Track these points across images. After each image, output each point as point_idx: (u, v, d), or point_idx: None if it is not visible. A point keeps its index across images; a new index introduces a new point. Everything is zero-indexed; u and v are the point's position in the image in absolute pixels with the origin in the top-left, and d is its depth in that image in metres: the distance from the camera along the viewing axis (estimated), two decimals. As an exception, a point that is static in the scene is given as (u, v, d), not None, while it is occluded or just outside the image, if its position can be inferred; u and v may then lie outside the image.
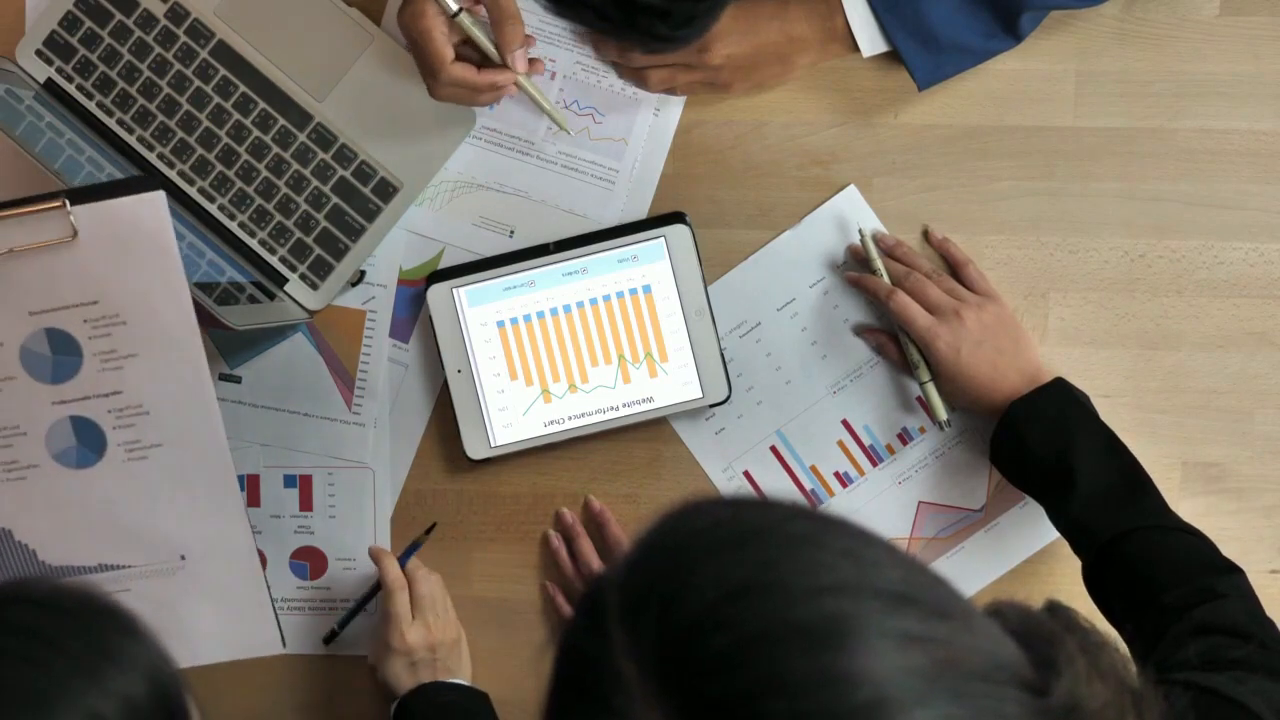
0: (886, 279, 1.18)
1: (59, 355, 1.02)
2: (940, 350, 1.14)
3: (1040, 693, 0.59)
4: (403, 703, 1.17)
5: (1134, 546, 1.05)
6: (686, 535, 0.62)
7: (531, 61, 1.15)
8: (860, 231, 1.20)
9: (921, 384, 1.18)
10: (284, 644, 1.10)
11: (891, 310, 1.17)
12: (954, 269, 1.20)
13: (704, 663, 0.57)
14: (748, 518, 0.63)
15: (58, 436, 1.04)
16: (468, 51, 1.12)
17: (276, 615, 1.09)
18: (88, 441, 1.04)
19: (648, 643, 0.59)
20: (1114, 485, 1.09)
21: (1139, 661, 0.97)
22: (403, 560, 1.20)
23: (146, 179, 0.99)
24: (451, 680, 1.18)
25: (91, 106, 1.21)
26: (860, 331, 1.21)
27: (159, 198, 0.98)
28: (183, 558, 1.06)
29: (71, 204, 0.98)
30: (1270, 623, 0.99)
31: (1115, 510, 1.07)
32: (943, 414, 1.18)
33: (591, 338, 1.21)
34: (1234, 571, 1.03)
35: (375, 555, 1.20)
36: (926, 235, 1.21)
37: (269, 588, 1.09)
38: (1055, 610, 0.68)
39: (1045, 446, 1.10)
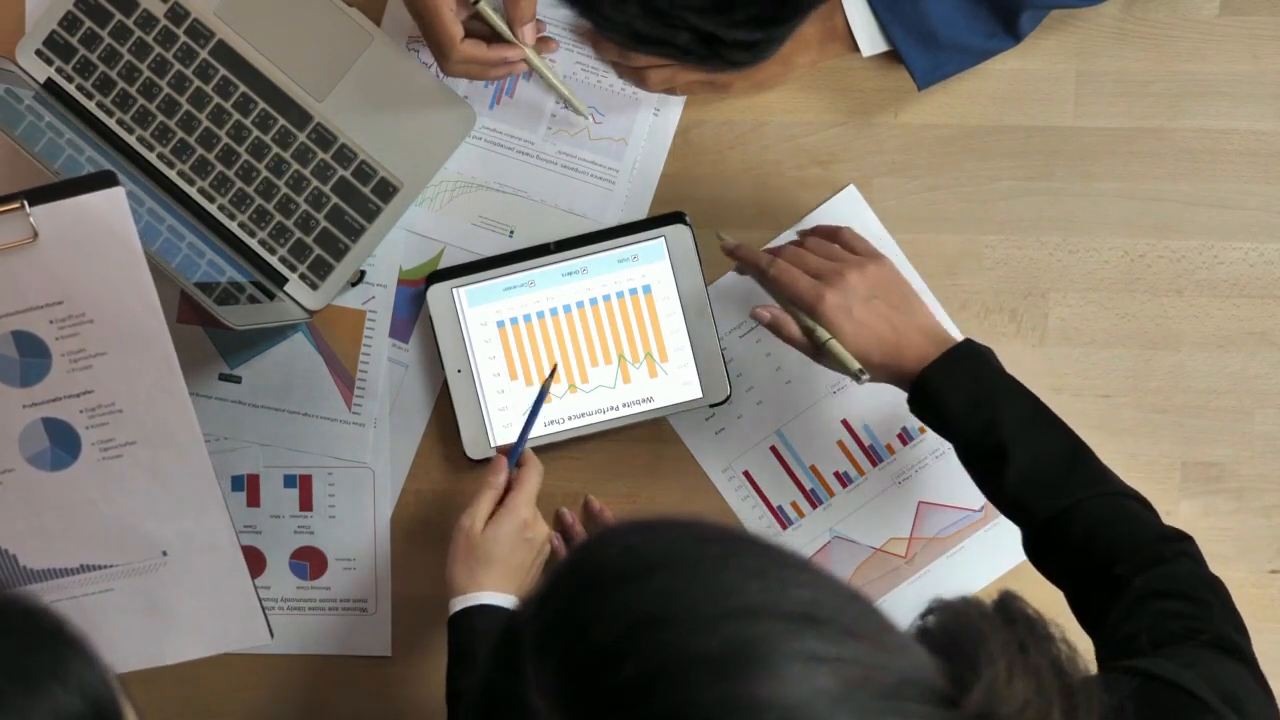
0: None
1: (27, 357, 1.01)
2: (830, 311, 1.07)
3: (952, 704, 0.60)
4: (466, 612, 1.12)
5: (1077, 518, 1.00)
6: (597, 565, 0.62)
7: (544, 40, 1.15)
8: (719, 236, 1.17)
9: (824, 343, 1.09)
10: (271, 635, 1.09)
11: (773, 280, 1.11)
12: (830, 240, 1.15)
13: (612, 694, 0.58)
14: (659, 544, 0.63)
15: (31, 439, 1.03)
16: (476, 26, 1.11)
17: (262, 606, 1.08)
18: (62, 443, 1.03)
19: (557, 675, 0.59)
20: (1049, 456, 1.03)
21: (1092, 633, 0.95)
22: (530, 424, 1.17)
23: (105, 175, 0.98)
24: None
25: (91, 106, 1.21)
26: (753, 310, 1.14)
27: (118, 194, 0.97)
28: (164, 554, 1.06)
29: (30, 205, 0.97)
30: (1219, 583, 0.96)
31: (1055, 483, 1.02)
32: (854, 364, 1.08)
33: (591, 338, 1.21)
34: (1182, 539, 1.00)
35: (497, 455, 1.18)
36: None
37: (255, 576, 1.09)
38: (1004, 603, 0.68)
39: (969, 419, 1.04)
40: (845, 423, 1.23)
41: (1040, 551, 1.03)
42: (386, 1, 1.22)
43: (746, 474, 1.24)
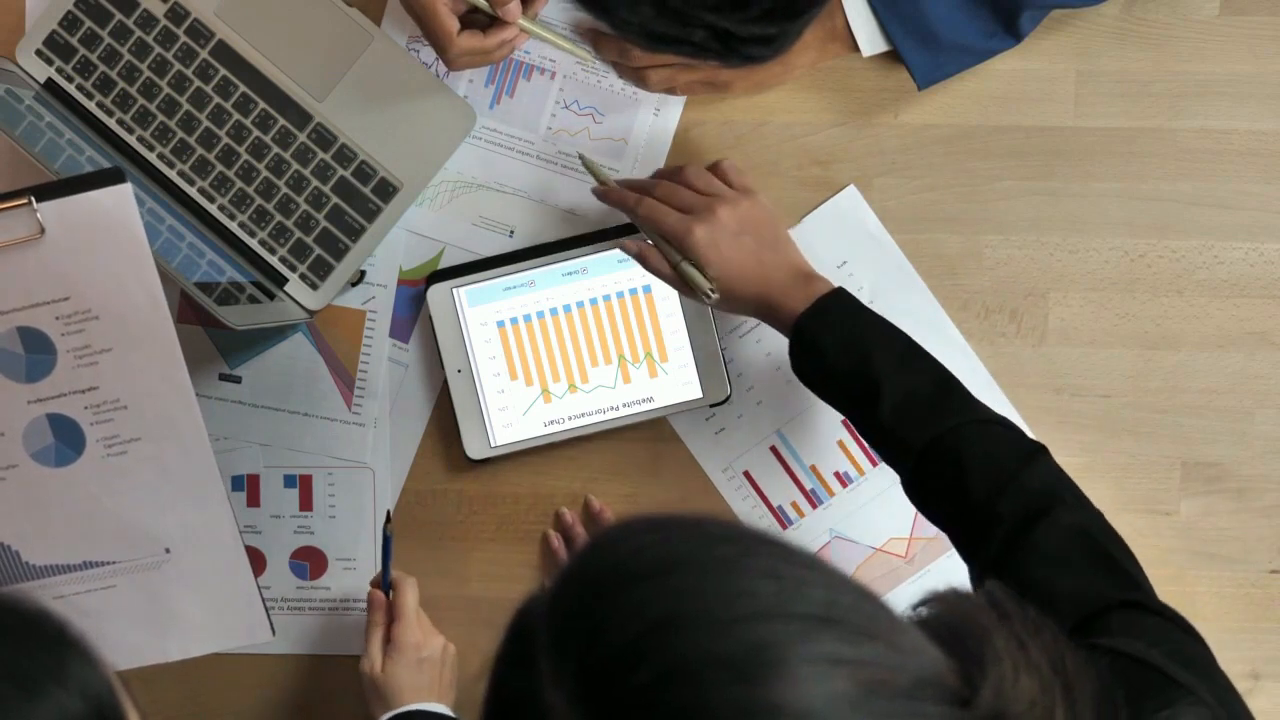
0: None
1: (32, 354, 1.01)
2: (697, 244, 1.08)
3: (965, 703, 0.60)
4: (403, 716, 1.16)
5: (951, 444, 1.01)
6: (611, 564, 0.62)
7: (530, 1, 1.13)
8: (580, 155, 1.16)
9: (676, 265, 1.10)
10: (273, 632, 1.09)
11: (641, 218, 1.11)
12: (710, 171, 1.15)
13: (628, 696, 0.58)
14: (672, 543, 0.63)
15: (35, 435, 1.03)
16: (473, 15, 1.11)
17: (264, 602, 1.08)
18: (66, 439, 1.03)
19: (573, 674, 0.59)
20: (920, 388, 1.04)
21: (982, 572, 0.95)
22: (386, 561, 1.20)
23: (113, 171, 0.98)
24: (438, 709, 1.17)
25: (91, 106, 1.21)
26: (620, 243, 1.16)
27: (125, 190, 0.97)
28: (167, 550, 1.06)
29: (37, 201, 0.97)
30: (1099, 514, 0.98)
31: (927, 413, 1.03)
32: (705, 284, 1.09)
33: (591, 338, 1.21)
34: (1040, 452, 1.01)
35: (371, 591, 1.20)
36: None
37: (255, 576, 1.09)
38: (991, 595, 0.68)
39: (843, 359, 1.06)
40: (845, 423, 1.23)
41: (920, 487, 1.04)
42: (386, 1, 1.22)
43: (746, 474, 1.24)
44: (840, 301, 1.08)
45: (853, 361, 1.05)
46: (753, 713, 0.57)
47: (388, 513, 1.21)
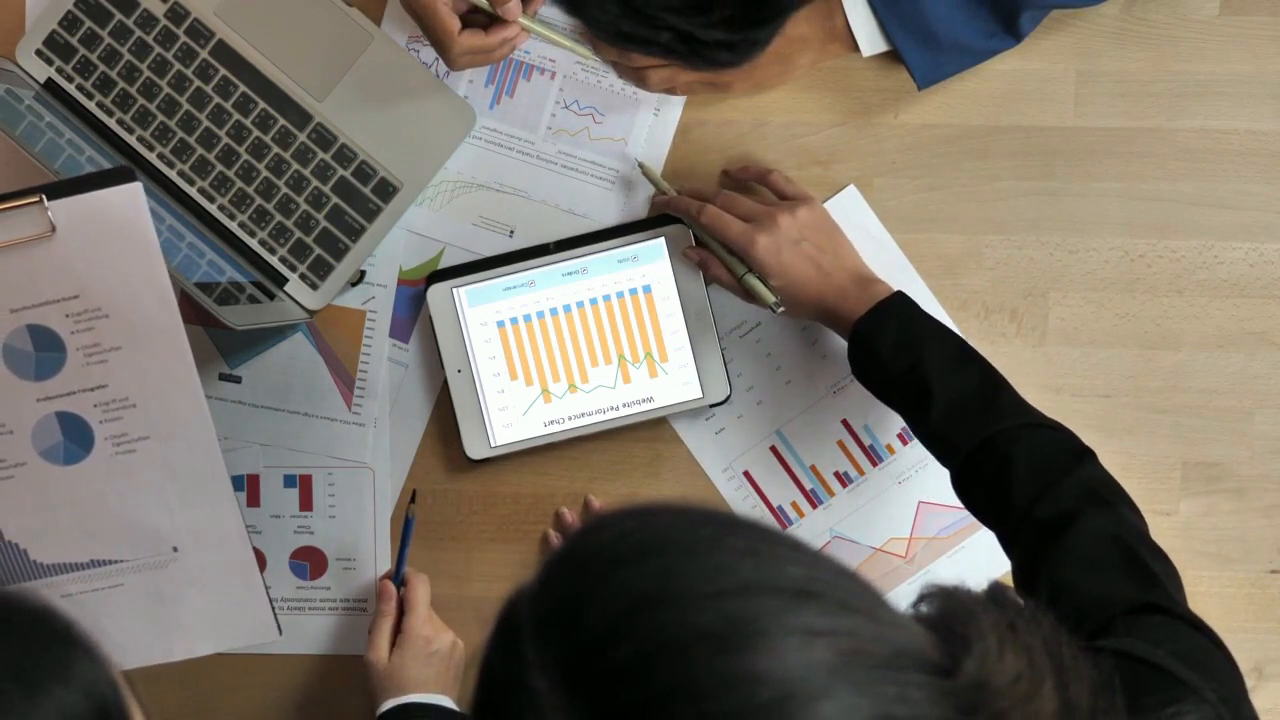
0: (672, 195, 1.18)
1: (42, 351, 1.02)
2: (761, 253, 1.12)
3: (947, 674, 0.60)
4: (404, 708, 1.16)
5: (997, 448, 1.03)
6: (593, 549, 0.63)
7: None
8: (640, 164, 1.20)
9: (741, 277, 1.15)
10: (280, 631, 1.10)
11: (704, 226, 1.15)
12: (760, 183, 1.20)
13: (611, 674, 0.59)
14: (654, 527, 0.64)
15: (44, 433, 1.03)
16: (473, 15, 1.10)
17: (271, 602, 1.09)
18: (75, 437, 1.03)
19: (557, 657, 0.60)
20: (970, 391, 1.07)
21: (1016, 569, 0.97)
22: (405, 547, 1.21)
23: (123, 170, 0.98)
24: (443, 702, 1.17)
25: (91, 106, 1.21)
26: (684, 251, 1.20)
27: (136, 189, 0.98)
28: (175, 549, 1.06)
29: (48, 199, 0.97)
30: (1135, 509, 0.99)
31: (975, 416, 1.06)
32: (770, 297, 1.14)
33: (591, 338, 1.21)
34: (1086, 456, 1.02)
35: (382, 582, 1.22)
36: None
37: (262, 575, 1.09)
38: (993, 591, 0.69)
39: (897, 361, 1.08)
40: (845, 423, 1.23)
41: (966, 488, 1.06)
42: (386, 2, 1.22)
43: (746, 474, 1.24)
44: (898, 305, 1.11)
45: (906, 364, 1.08)
46: (734, 683, 0.57)
47: (414, 493, 1.22)
